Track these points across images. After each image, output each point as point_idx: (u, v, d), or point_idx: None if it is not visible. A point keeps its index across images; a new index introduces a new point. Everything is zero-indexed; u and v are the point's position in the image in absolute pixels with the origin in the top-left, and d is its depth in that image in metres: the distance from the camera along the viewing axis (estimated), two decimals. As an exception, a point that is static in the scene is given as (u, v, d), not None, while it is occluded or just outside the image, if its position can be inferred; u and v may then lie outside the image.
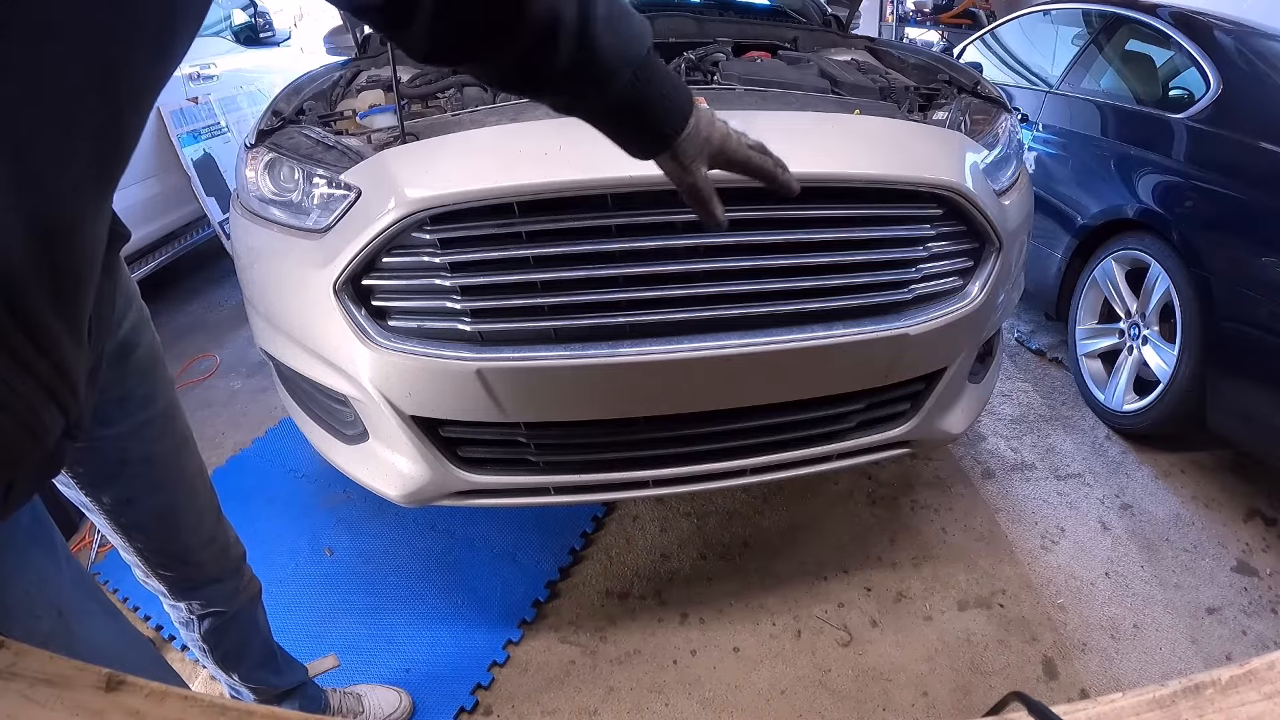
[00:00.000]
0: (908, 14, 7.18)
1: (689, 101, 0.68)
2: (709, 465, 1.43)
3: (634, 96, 0.64)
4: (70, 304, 0.43)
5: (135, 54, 0.40)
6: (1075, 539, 1.90)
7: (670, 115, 0.67)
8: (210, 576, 1.00)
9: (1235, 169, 2.04)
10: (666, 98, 0.66)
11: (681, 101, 0.67)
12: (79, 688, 0.43)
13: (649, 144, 0.68)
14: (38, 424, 0.42)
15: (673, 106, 0.67)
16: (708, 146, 0.70)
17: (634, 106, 0.65)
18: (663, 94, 0.66)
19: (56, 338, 0.41)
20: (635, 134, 0.68)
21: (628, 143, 0.69)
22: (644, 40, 0.64)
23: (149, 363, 0.84)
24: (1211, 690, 0.45)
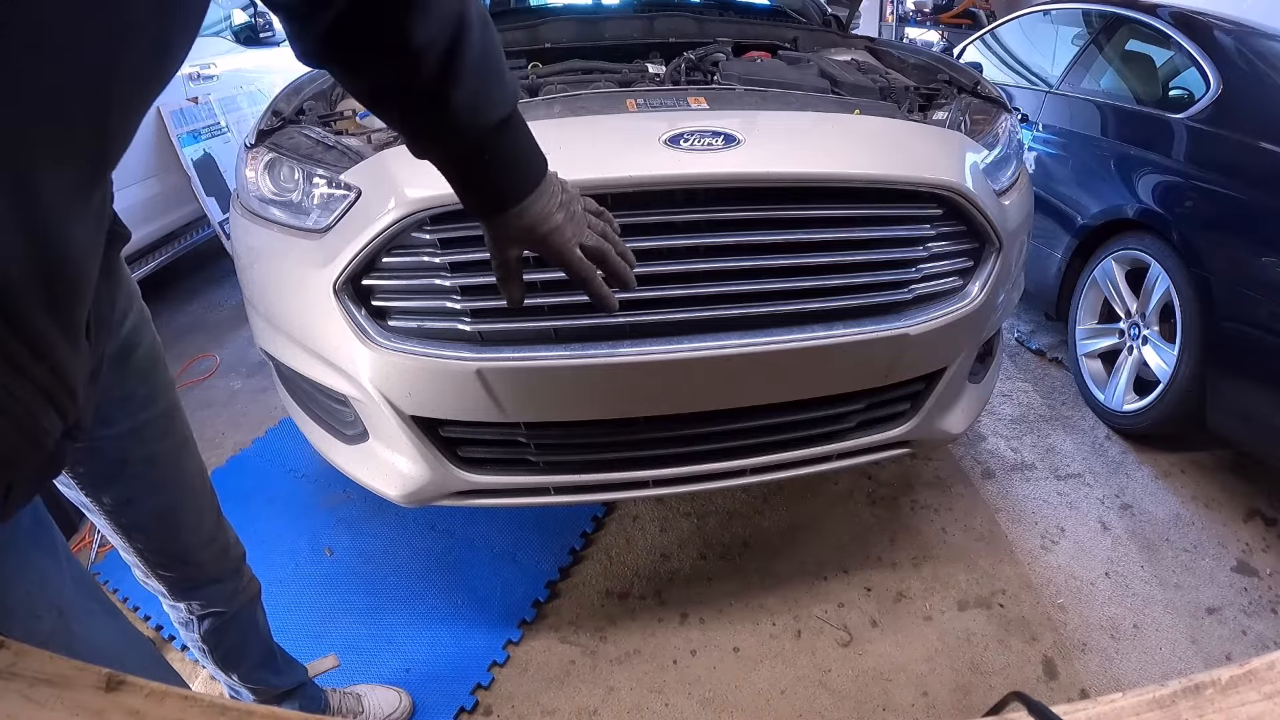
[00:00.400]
0: (908, 14, 7.18)
1: (537, 177, 0.69)
2: (709, 465, 1.43)
3: (478, 158, 0.65)
4: (65, 308, 0.42)
5: (132, 55, 0.40)
6: (1075, 539, 1.90)
7: (510, 186, 0.68)
8: (210, 577, 1.00)
9: (1235, 169, 2.04)
10: (511, 169, 0.67)
11: (528, 176, 0.68)
12: (79, 688, 0.43)
13: (483, 204, 0.69)
14: (35, 427, 0.42)
15: (516, 179, 0.68)
16: (530, 234, 0.70)
17: (477, 166, 0.66)
18: (507, 164, 0.67)
19: (52, 342, 0.41)
20: (474, 189, 0.68)
21: (463, 193, 0.69)
22: (504, 107, 0.64)
23: (150, 363, 0.84)
24: (1211, 690, 0.45)
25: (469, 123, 0.63)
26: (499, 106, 0.64)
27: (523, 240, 0.71)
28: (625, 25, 2.20)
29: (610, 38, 2.11)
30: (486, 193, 0.68)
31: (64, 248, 0.40)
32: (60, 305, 0.42)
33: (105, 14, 0.36)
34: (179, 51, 0.44)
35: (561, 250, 0.71)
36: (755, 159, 1.26)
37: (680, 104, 1.41)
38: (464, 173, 0.67)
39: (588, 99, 1.44)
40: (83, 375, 0.47)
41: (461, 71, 0.60)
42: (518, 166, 0.68)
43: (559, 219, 0.70)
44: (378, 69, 0.60)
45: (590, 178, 1.17)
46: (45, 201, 0.38)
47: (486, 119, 0.63)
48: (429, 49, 0.57)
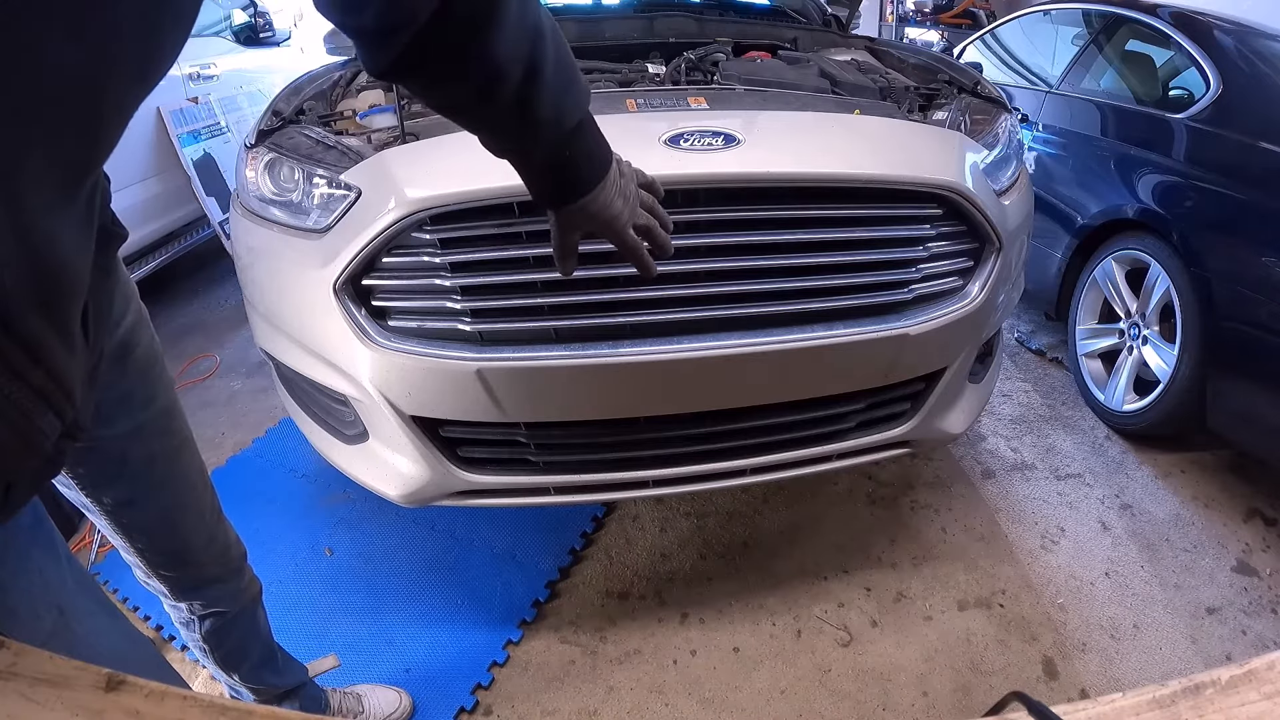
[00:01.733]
0: (908, 14, 7.18)
1: (604, 169, 0.73)
2: (709, 465, 1.43)
3: (556, 157, 0.68)
4: (59, 309, 0.42)
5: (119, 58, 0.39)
6: (1075, 539, 1.90)
7: (581, 181, 0.71)
8: (211, 577, 1.00)
9: (1235, 169, 2.04)
10: (583, 165, 0.71)
11: (596, 170, 0.72)
12: (79, 688, 0.43)
13: (554, 198, 0.72)
14: (32, 430, 0.42)
15: (586, 174, 0.71)
16: (593, 221, 0.75)
17: (554, 166, 0.69)
18: (580, 161, 0.70)
19: (48, 344, 0.41)
20: (548, 186, 0.72)
21: (538, 189, 0.73)
22: (579, 111, 0.67)
23: (148, 362, 0.84)
24: (1211, 690, 0.45)
25: (550, 129, 0.65)
26: (576, 110, 0.66)
27: (586, 225, 0.75)
28: (625, 25, 2.20)
29: (610, 38, 2.11)
30: (562, 188, 0.71)
31: (53, 248, 0.40)
32: (54, 307, 0.42)
33: (91, 17, 0.36)
34: (169, 54, 0.44)
35: (619, 233, 0.76)
36: (755, 159, 1.26)
37: (680, 104, 1.41)
38: (541, 171, 0.70)
39: (588, 99, 1.43)
40: (80, 376, 0.47)
41: (542, 83, 0.61)
42: (590, 161, 0.71)
43: (618, 205, 0.75)
44: (457, 86, 0.60)
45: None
46: (31, 204, 0.38)
47: (567, 123, 0.66)
48: (510, 65, 0.58)
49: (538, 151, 0.68)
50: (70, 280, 0.43)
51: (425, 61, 0.57)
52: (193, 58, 3.20)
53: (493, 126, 0.66)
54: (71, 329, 0.45)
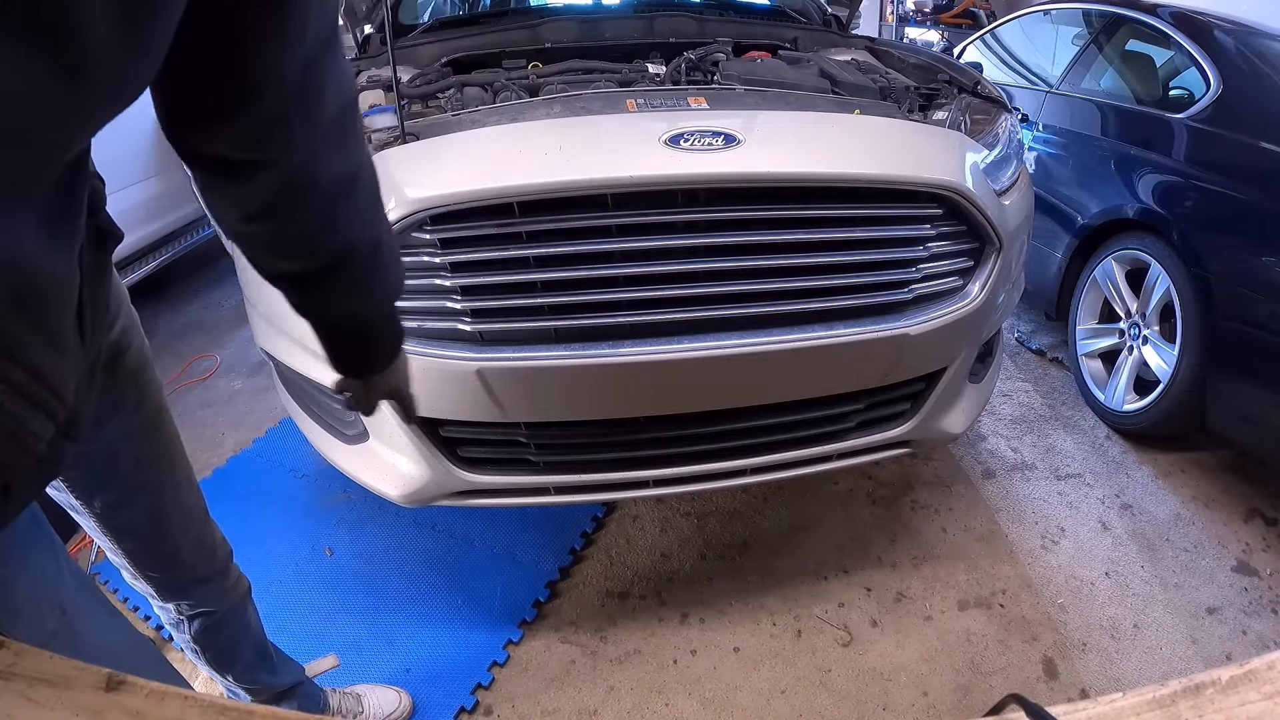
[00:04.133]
0: (908, 14, 7.18)
1: (402, 341, 0.83)
2: (709, 465, 1.43)
3: (377, 329, 0.77)
4: (37, 310, 0.42)
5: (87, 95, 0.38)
6: (1075, 539, 1.90)
7: (395, 349, 0.82)
8: (198, 577, 1.00)
9: (1235, 169, 2.03)
10: (397, 337, 0.81)
11: (399, 341, 0.82)
12: (79, 688, 0.43)
13: (354, 367, 0.81)
14: (22, 431, 0.42)
15: (396, 345, 0.81)
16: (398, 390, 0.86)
17: (373, 336, 0.78)
18: (396, 334, 0.80)
19: (27, 346, 0.41)
20: (350, 355, 0.79)
21: (340, 357, 0.79)
22: (402, 286, 0.76)
23: (139, 365, 0.84)
24: (1211, 690, 0.45)
25: (381, 304, 0.74)
26: (402, 279, 0.76)
27: (390, 394, 0.86)
28: (625, 25, 2.20)
29: (610, 38, 2.11)
30: (377, 358, 0.81)
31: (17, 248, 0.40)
32: (30, 307, 0.41)
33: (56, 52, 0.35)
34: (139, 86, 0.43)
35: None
36: (755, 159, 1.26)
37: (680, 104, 1.41)
38: (362, 341, 0.78)
39: (588, 99, 1.44)
40: (72, 376, 0.47)
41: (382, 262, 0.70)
42: (398, 334, 0.81)
43: (405, 372, 0.86)
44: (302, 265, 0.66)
45: (590, 178, 1.17)
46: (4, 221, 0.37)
47: (395, 298, 0.75)
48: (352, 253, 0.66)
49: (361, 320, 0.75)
50: (46, 280, 0.43)
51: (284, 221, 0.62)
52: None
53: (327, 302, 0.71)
54: (58, 329, 0.45)
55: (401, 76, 1.58)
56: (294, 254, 0.64)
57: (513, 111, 1.44)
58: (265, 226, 0.61)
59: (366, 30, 2.14)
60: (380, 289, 0.72)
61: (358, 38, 2.08)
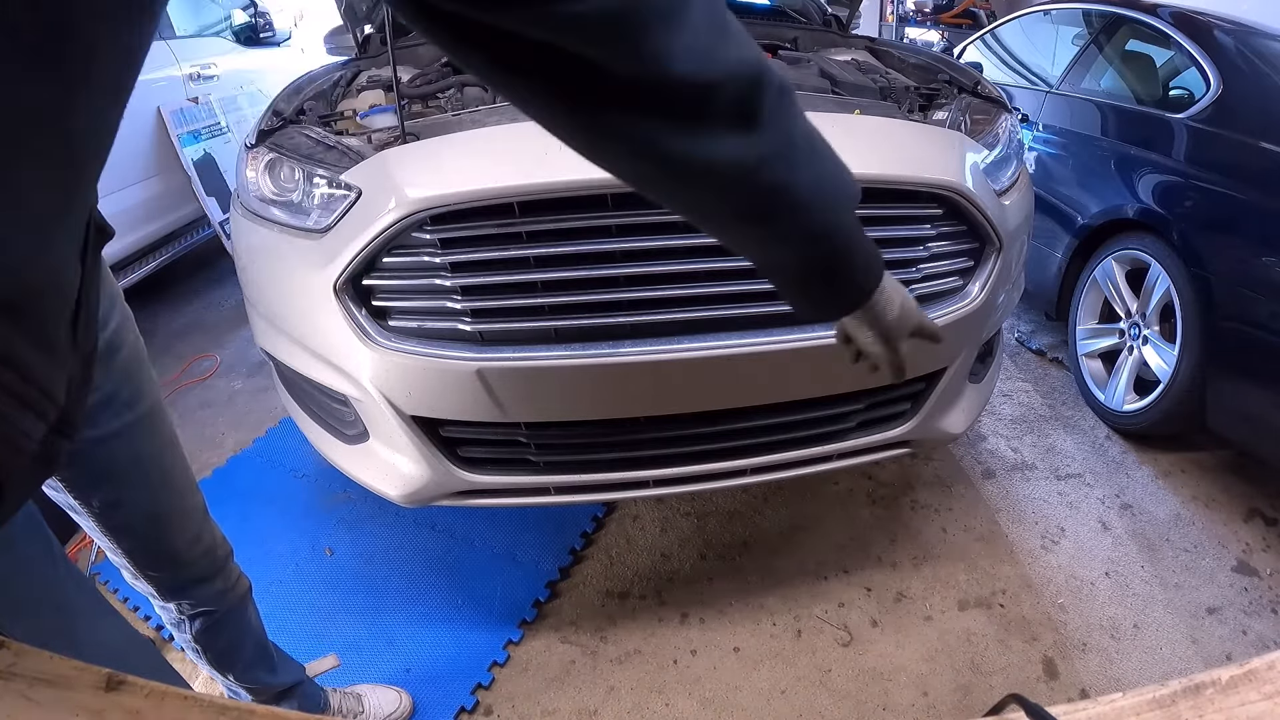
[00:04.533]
0: (908, 14, 7.18)
1: (879, 256, 0.62)
2: (709, 465, 1.43)
3: (846, 245, 0.58)
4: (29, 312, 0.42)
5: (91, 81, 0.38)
6: (1075, 539, 1.90)
7: (870, 266, 0.60)
8: (198, 576, 1.00)
9: (1235, 169, 2.03)
10: (866, 248, 0.59)
11: (879, 259, 0.61)
12: (79, 688, 0.43)
13: (839, 296, 0.62)
14: (11, 431, 0.42)
15: (872, 258, 0.60)
16: (913, 315, 0.66)
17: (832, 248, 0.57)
18: (866, 246, 0.59)
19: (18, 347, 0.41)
20: (826, 283, 0.60)
21: (814, 293, 0.61)
22: (856, 193, 0.58)
23: (134, 363, 0.83)
24: (1211, 690, 0.45)
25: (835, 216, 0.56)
26: (853, 192, 0.58)
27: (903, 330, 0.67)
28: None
29: (610, 38, 2.11)
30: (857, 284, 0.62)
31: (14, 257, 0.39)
32: (23, 310, 0.41)
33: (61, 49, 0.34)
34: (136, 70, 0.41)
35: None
36: (755, 159, 1.25)
37: (680, 104, 1.40)
38: (836, 270, 0.60)
39: (588, 99, 1.43)
40: (64, 376, 0.47)
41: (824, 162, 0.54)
42: (871, 247, 0.62)
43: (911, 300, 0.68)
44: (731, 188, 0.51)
45: (590, 178, 1.17)
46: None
47: (848, 207, 0.57)
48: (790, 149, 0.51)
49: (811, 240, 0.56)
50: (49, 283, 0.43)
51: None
52: (193, 58, 3.20)
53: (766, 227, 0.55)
54: (48, 330, 0.44)
55: (402, 76, 1.58)
56: None
57: (513, 111, 1.44)
58: None
59: (366, 30, 2.14)
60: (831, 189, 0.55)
61: (358, 38, 2.08)
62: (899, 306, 0.65)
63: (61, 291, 0.45)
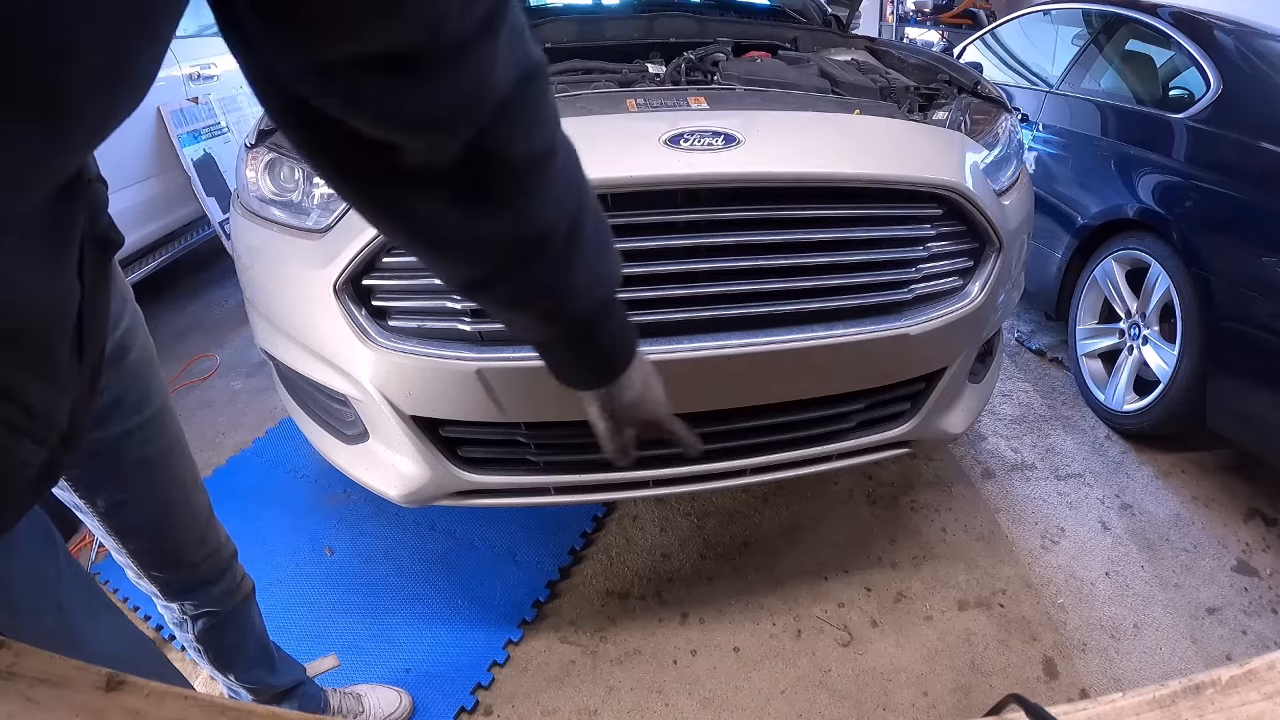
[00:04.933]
0: (908, 14, 7.19)
1: (634, 345, 0.69)
2: (709, 465, 1.42)
3: (587, 331, 0.64)
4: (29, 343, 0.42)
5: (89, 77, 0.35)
6: (1075, 539, 1.90)
7: (621, 353, 0.67)
8: (202, 577, 1.00)
9: (1235, 169, 2.04)
10: (616, 337, 0.67)
11: (629, 344, 0.68)
12: (79, 688, 0.43)
13: (587, 378, 0.68)
14: (9, 462, 0.42)
15: (621, 348, 0.67)
16: (639, 411, 0.71)
17: (585, 340, 0.65)
18: (614, 333, 0.66)
19: (18, 380, 0.41)
20: (576, 366, 0.67)
21: (568, 371, 0.68)
22: (616, 280, 0.64)
23: (143, 365, 0.83)
24: (1211, 690, 0.45)
25: (590, 297, 0.61)
26: (615, 272, 0.63)
27: (639, 418, 0.73)
28: (625, 25, 2.20)
29: (610, 38, 2.11)
30: (597, 365, 0.68)
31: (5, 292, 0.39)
32: (22, 342, 0.41)
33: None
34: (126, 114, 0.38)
35: (669, 423, 0.75)
36: (755, 159, 1.26)
37: (680, 104, 1.41)
38: (576, 347, 0.66)
39: (588, 99, 1.43)
40: (67, 400, 0.47)
41: (583, 249, 0.58)
42: (626, 327, 0.68)
43: (659, 391, 0.72)
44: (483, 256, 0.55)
45: (590, 178, 1.17)
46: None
47: (607, 289, 0.62)
48: (551, 234, 0.55)
49: (568, 323, 0.62)
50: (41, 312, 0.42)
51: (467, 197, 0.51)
52: (193, 58, 3.20)
53: (517, 304, 0.61)
54: (50, 357, 0.44)
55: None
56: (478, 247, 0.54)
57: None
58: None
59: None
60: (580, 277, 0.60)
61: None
62: (638, 393, 0.70)
63: (60, 317, 0.45)
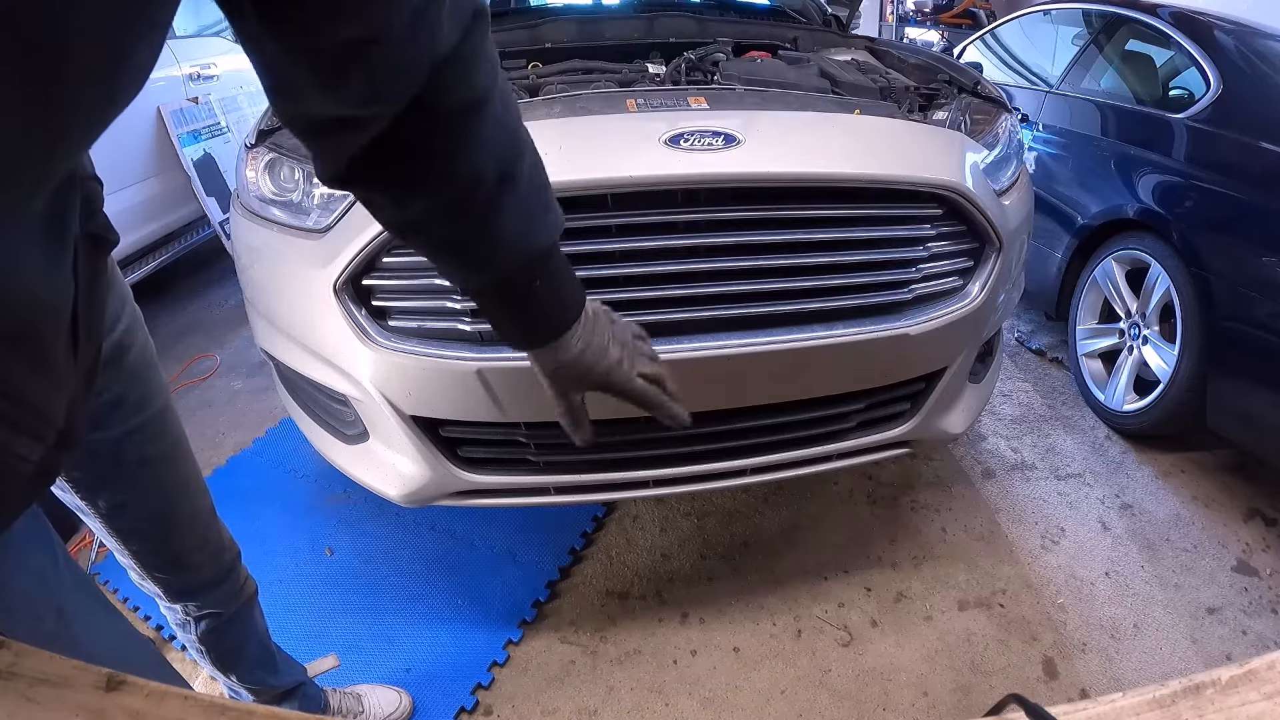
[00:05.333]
0: (908, 14, 7.19)
1: (578, 306, 0.65)
2: (709, 465, 1.42)
3: (520, 284, 0.61)
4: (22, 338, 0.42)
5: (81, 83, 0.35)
6: (1075, 539, 1.90)
7: (554, 315, 0.64)
8: (206, 579, 0.99)
9: (1235, 169, 2.04)
10: (556, 295, 0.63)
11: (570, 305, 0.65)
12: (79, 688, 0.43)
13: (524, 337, 0.65)
14: (6, 456, 0.42)
15: (561, 306, 0.64)
16: (590, 373, 0.67)
17: (518, 295, 0.62)
18: (553, 290, 0.63)
19: (12, 374, 0.41)
20: (514, 321, 0.64)
21: (506, 327, 0.65)
22: (550, 234, 0.61)
23: (143, 365, 0.83)
24: (1211, 690, 0.45)
25: (518, 250, 0.59)
26: (547, 233, 0.61)
27: (583, 381, 0.68)
28: (625, 25, 2.20)
29: (610, 38, 2.11)
30: (537, 322, 0.64)
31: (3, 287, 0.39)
32: (18, 341, 0.41)
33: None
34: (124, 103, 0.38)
35: (626, 385, 0.70)
36: (755, 159, 1.26)
37: (680, 104, 1.41)
38: (508, 303, 0.63)
39: (588, 99, 1.43)
40: (63, 396, 0.46)
41: (514, 193, 0.56)
42: (565, 290, 0.64)
43: (615, 354, 0.68)
44: (415, 198, 0.55)
45: (590, 178, 1.17)
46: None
47: (536, 245, 0.60)
48: (485, 167, 0.54)
49: (501, 275, 0.60)
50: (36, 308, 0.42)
51: (383, 171, 0.52)
52: (193, 58, 3.20)
53: (451, 250, 0.60)
54: (43, 352, 0.44)
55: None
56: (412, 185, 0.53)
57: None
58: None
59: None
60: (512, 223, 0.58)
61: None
62: (576, 352, 0.66)
63: (55, 313, 0.45)
